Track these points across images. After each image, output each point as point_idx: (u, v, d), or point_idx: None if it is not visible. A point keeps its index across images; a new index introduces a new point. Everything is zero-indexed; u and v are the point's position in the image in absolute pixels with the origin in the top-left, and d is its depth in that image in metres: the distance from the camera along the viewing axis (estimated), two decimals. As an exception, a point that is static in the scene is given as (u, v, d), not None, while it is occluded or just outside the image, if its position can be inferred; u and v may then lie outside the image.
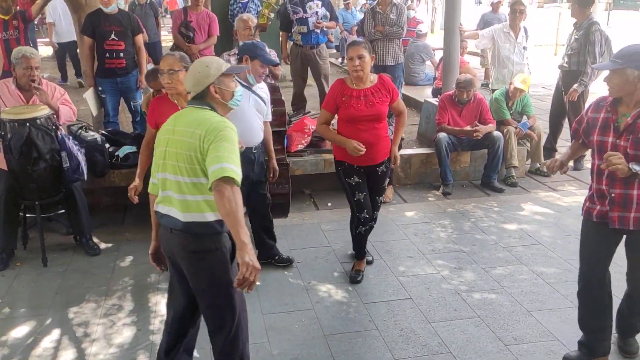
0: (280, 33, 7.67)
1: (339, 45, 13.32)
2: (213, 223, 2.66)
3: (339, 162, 4.15)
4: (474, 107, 6.14)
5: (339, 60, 12.82)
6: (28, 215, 4.70)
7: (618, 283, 3.38)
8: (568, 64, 6.36)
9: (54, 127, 4.41)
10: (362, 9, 13.42)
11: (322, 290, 4.15)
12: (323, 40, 7.33)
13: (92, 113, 6.41)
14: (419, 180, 6.34)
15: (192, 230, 2.66)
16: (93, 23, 5.99)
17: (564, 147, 6.97)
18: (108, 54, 6.03)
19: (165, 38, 11.80)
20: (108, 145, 5.30)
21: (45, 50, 12.57)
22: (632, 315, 3.33)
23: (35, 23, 11.33)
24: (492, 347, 3.49)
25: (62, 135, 4.45)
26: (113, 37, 5.98)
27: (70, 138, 4.62)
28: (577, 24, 6.29)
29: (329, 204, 5.80)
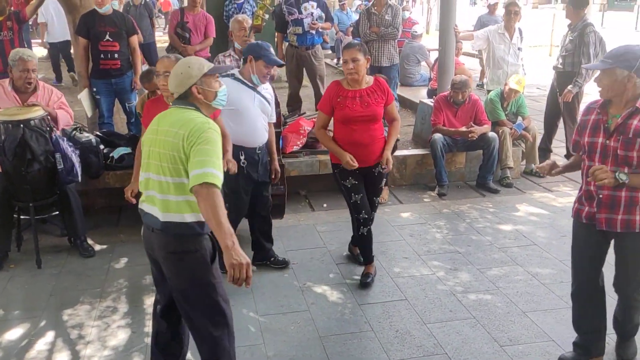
0: (276, 34, 7.67)
1: (335, 46, 13.33)
2: (193, 224, 2.66)
3: (335, 164, 4.14)
4: (469, 108, 6.15)
5: (335, 61, 12.83)
6: (22, 217, 4.68)
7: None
8: (562, 65, 6.38)
9: (48, 128, 4.40)
10: (357, 10, 13.41)
11: (317, 292, 4.15)
12: (318, 41, 7.33)
13: (86, 114, 6.39)
14: (414, 181, 6.34)
15: (171, 231, 2.66)
16: (87, 24, 5.96)
17: (559, 147, 7.01)
18: (103, 55, 6.01)
19: (160, 39, 11.78)
20: (103, 147, 5.28)
21: (40, 51, 12.52)
22: (625, 323, 3.30)
23: (30, 24, 11.27)
24: (487, 348, 3.49)
25: (56, 137, 4.43)
26: (108, 38, 5.96)
27: (65, 139, 4.60)
28: (571, 25, 6.32)
29: (325, 205, 5.80)
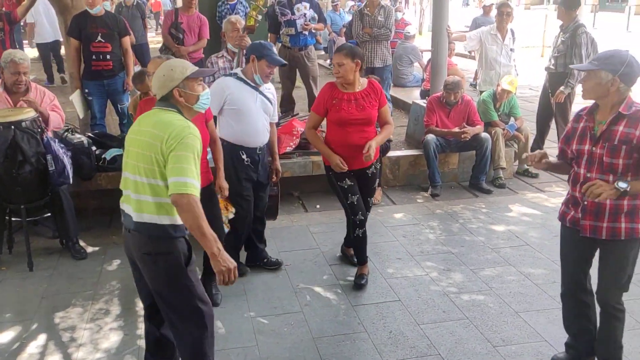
0: (269, 35, 7.66)
1: (328, 47, 13.34)
2: (167, 227, 2.67)
3: (329, 167, 4.13)
4: (462, 108, 6.16)
5: (327, 62, 12.82)
6: (13, 219, 4.66)
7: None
8: (555, 66, 6.40)
9: (40, 130, 4.38)
10: (350, 11, 13.43)
11: (311, 293, 4.14)
12: (311, 42, 7.33)
13: (78, 115, 6.36)
14: (408, 182, 6.35)
15: (145, 232, 2.67)
16: (79, 25, 5.94)
17: (551, 148, 7.02)
18: (94, 56, 5.99)
19: (152, 40, 11.74)
20: (95, 148, 5.25)
21: (32, 52, 12.46)
22: (609, 343, 3.13)
23: (22, 24, 11.20)
24: (480, 348, 3.50)
25: (47, 138, 4.41)
26: (99, 39, 5.94)
27: (56, 141, 4.58)
28: (563, 26, 6.34)
29: (318, 206, 5.80)
